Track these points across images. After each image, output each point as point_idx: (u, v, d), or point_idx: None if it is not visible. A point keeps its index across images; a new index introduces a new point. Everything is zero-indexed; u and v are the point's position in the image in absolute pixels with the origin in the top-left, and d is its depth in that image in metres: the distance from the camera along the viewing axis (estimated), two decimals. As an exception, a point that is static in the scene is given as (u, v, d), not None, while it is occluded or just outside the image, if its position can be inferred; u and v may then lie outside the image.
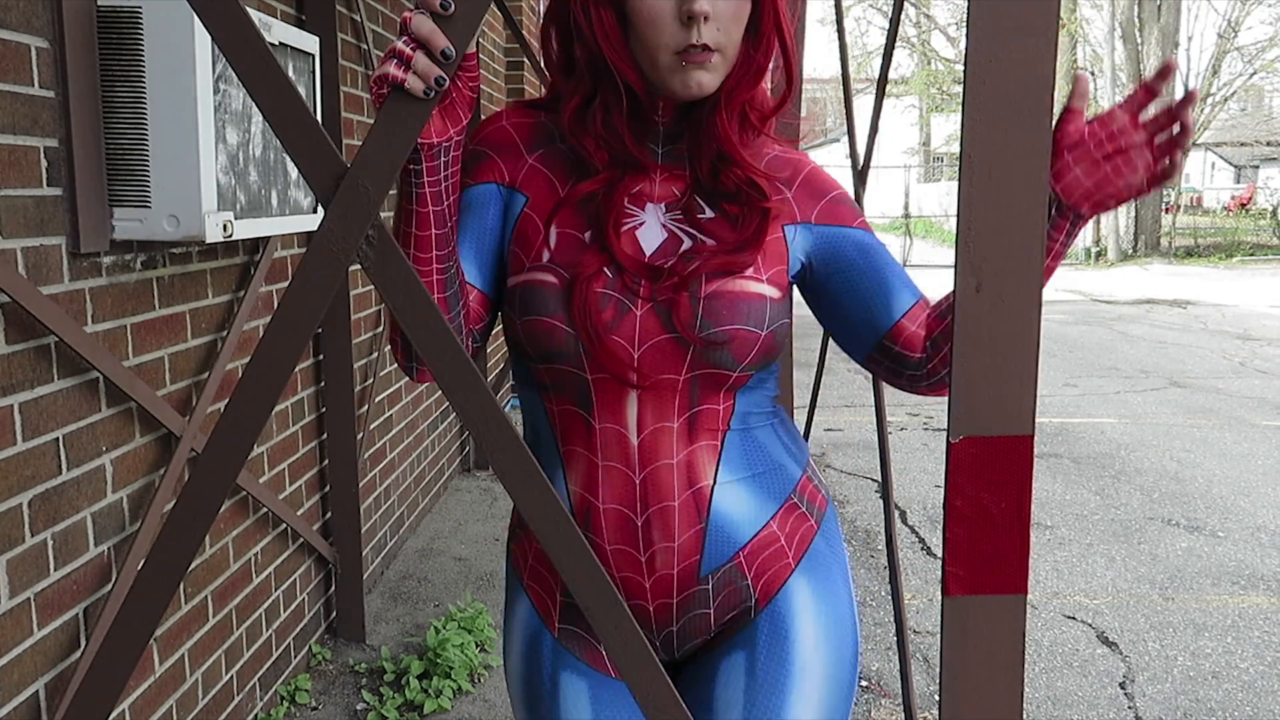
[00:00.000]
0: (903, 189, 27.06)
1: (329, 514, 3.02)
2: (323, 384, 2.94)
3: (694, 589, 1.08)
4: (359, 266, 0.84)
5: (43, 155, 1.65)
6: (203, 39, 1.78)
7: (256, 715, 2.56)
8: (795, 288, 1.13)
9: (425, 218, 0.97)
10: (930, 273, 12.15)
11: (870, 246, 1.11)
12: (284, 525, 2.68)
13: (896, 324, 1.09)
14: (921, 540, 4.03)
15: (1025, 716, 2.66)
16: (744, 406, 1.08)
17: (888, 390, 3.30)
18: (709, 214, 1.07)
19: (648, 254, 1.05)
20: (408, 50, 0.84)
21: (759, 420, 1.10)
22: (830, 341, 1.90)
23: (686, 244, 1.05)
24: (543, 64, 1.06)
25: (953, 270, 0.89)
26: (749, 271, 1.04)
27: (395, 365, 3.70)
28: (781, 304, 1.07)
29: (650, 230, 1.06)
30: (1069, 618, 3.30)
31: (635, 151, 1.04)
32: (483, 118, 1.23)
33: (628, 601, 1.08)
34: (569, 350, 1.03)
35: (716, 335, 1.02)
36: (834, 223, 1.11)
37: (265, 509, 2.56)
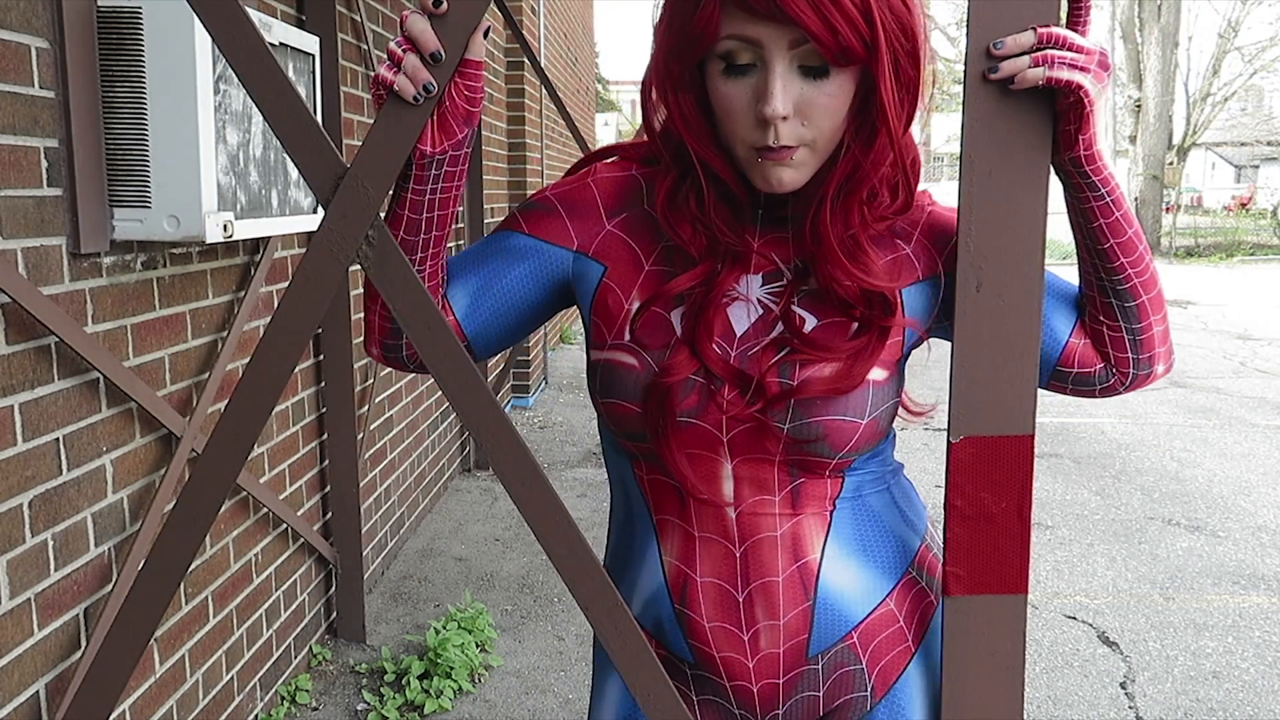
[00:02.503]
0: (903, 189, 27.01)
1: (329, 514, 3.02)
2: (323, 384, 2.94)
3: (802, 669, 0.99)
4: (359, 266, 0.84)
5: (43, 155, 1.65)
6: (203, 39, 1.78)
7: (257, 715, 2.56)
8: (924, 345, 1.02)
9: (398, 219, 0.91)
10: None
11: None
12: (284, 525, 2.68)
13: (1065, 348, 0.97)
14: (922, 540, 4.03)
15: (1025, 716, 2.66)
16: (854, 480, 0.99)
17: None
18: (810, 287, 0.95)
19: (738, 334, 0.94)
20: (399, 51, 0.81)
21: (872, 488, 1.00)
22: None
23: (781, 323, 0.94)
24: (641, 121, 0.99)
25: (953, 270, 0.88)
26: None
27: (395, 365, 3.69)
28: (889, 385, 0.95)
29: (742, 307, 0.95)
30: (1069, 617, 3.30)
31: (733, 241, 0.93)
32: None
33: (730, 682, 0.99)
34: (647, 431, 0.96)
35: (809, 430, 0.92)
36: None
37: (265, 509, 2.56)
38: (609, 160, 1.03)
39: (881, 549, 1.00)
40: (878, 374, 0.94)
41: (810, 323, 0.94)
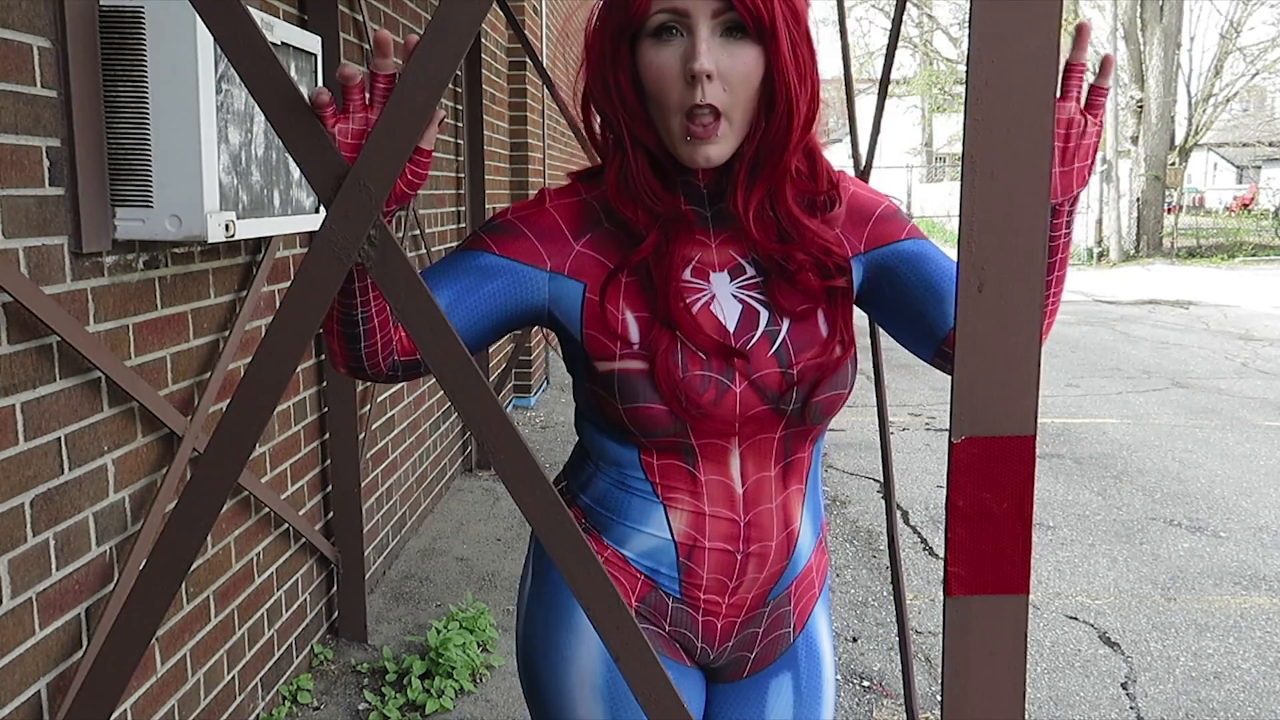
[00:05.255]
0: (905, 189, 27.10)
1: (331, 514, 3.02)
2: (325, 384, 2.94)
3: (758, 610, 1.15)
4: (360, 266, 0.84)
5: (45, 155, 1.66)
6: (205, 39, 1.78)
7: (258, 715, 2.57)
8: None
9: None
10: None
11: (919, 256, 1.10)
12: (286, 525, 2.68)
13: (952, 331, 1.08)
14: (924, 540, 4.02)
15: (1027, 717, 2.66)
16: (816, 454, 1.15)
17: (890, 391, 3.29)
18: (772, 275, 1.06)
19: (730, 329, 1.04)
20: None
21: (817, 465, 1.17)
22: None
23: (765, 315, 1.05)
24: (585, 137, 1.13)
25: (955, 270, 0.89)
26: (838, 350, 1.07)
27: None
28: (854, 354, 1.09)
29: (726, 304, 1.05)
30: (1071, 618, 3.30)
31: (668, 205, 1.02)
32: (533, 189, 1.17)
33: (703, 618, 1.14)
34: (674, 427, 1.05)
35: (814, 409, 1.06)
36: (882, 243, 1.10)
37: (267, 509, 2.56)
38: (558, 187, 1.11)
39: (818, 516, 1.18)
40: (850, 350, 1.08)
41: (785, 309, 1.05)
